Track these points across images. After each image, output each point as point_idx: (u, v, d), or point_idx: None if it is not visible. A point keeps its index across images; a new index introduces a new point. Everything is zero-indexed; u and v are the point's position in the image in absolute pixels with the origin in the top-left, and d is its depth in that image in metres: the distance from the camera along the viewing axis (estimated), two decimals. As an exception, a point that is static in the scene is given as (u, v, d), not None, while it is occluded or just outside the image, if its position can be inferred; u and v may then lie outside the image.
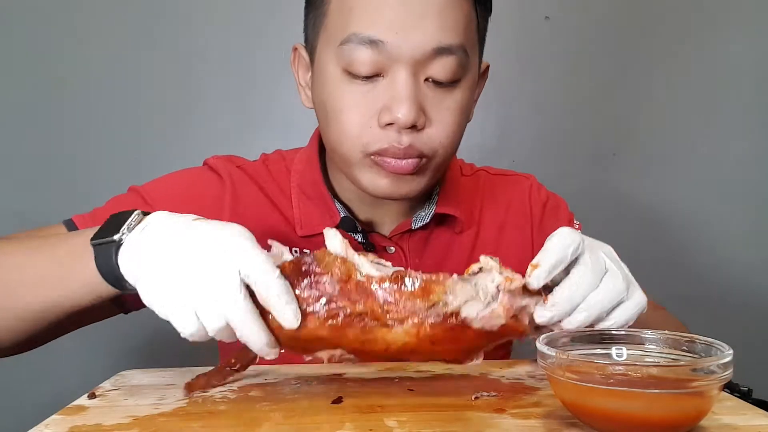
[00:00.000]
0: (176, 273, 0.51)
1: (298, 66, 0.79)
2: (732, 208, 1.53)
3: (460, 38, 0.68)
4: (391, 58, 0.66)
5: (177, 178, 0.83)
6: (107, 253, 0.55)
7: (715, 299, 1.51)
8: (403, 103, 0.66)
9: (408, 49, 0.66)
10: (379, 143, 0.68)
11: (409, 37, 0.65)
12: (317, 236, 0.78)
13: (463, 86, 0.71)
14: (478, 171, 0.91)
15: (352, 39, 0.66)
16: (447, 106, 0.70)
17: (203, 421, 0.51)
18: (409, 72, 0.66)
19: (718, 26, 1.50)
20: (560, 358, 0.47)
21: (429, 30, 0.66)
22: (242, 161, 0.84)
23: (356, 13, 0.66)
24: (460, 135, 0.73)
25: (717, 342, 0.49)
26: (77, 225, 0.75)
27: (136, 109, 1.43)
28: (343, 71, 0.68)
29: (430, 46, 0.66)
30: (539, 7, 1.46)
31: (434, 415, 0.52)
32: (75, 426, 0.50)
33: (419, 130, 0.68)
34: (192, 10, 1.43)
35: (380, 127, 0.68)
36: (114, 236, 0.55)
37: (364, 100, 0.68)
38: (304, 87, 0.78)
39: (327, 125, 0.72)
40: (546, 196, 0.90)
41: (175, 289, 0.51)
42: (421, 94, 0.68)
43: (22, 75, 1.40)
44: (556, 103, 1.50)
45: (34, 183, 1.41)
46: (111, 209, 0.77)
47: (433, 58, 0.67)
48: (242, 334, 0.52)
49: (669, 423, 0.46)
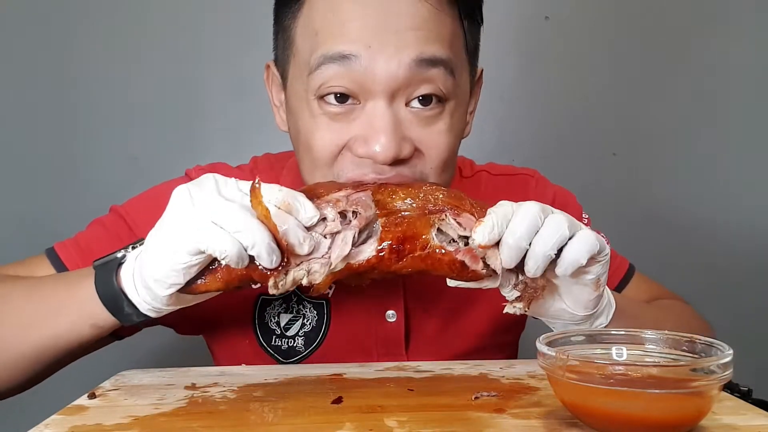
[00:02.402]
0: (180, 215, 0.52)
1: (271, 85, 0.74)
2: (732, 208, 1.53)
3: (444, 52, 0.62)
4: (367, 78, 0.60)
5: (159, 194, 0.78)
6: (108, 270, 0.56)
7: (715, 299, 1.51)
8: (381, 135, 0.60)
9: (383, 67, 0.59)
10: (351, 172, 0.62)
11: (383, 51, 0.59)
12: None
13: (452, 105, 0.65)
14: (478, 172, 0.87)
15: (321, 61, 0.61)
16: (437, 130, 0.64)
17: (203, 421, 0.51)
18: (387, 99, 0.61)
19: (718, 26, 1.50)
20: (560, 358, 0.47)
21: (406, 43, 0.60)
22: (227, 170, 0.81)
23: (321, 34, 0.61)
24: (454, 155, 0.68)
25: (717, 342, 0.49)
26: (59, 254, 0.74)
27: (136, 109, 1.42)
28: (316, 99, 0.63)
29: (409, 58, 0.60)
30: (539, 7, 1.46)
31: (434, 415, 0.52)
32: (75, 426, 0.50)
33: (405, 161, 0.62)
34: (192, 10, 1.42)
35: (356, 156, 0.62)
36: (117, 254, 0.56)
37: (338, 130, 0.62)
38: (279, 107, 0.74)
39: (301, 153, 0.68)
40: (552, 192, 0.87)
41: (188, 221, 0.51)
42: (406, 120, 0.62)
43: (22, 76, 1.40)
44: (556, 103, 1.50)
45: (34, 184, 1.41)
46: (93, 232, 0.77)
47: (414, 76, 0.60)
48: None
49: (669, 423, 0.46)
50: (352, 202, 0.56)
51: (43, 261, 0.74)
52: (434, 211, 0.57)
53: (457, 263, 0.56)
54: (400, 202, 0.58)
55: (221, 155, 0.85)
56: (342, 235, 0.55)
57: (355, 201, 0.56)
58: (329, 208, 0.55)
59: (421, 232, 0.56)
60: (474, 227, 0.55)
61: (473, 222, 0.56)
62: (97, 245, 0.74)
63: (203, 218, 0.50)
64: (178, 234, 0.51)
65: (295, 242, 0.52)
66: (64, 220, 0.77)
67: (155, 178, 0.81)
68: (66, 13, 1.40)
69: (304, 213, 0.53)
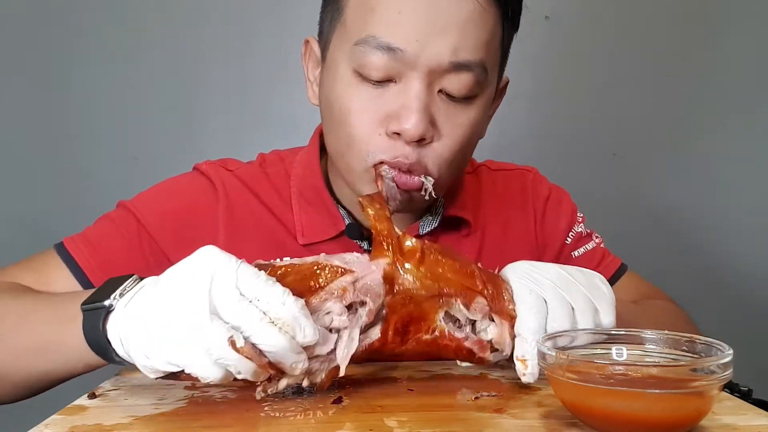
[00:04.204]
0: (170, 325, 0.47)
1: (308, 60, 0.76)
2: (732, 208, 1.53)
3: (480, 54, 0.65)
4: (407, 65, 0.64)
5: (168, 189, 0.79)
6: (96, 317, 0.52)
7: (715, 299, 1.51)
8: (413, 114, 0.63)
9: (425, 59, 0.63)
10: (384, 154, 0.66)
11: (427, 47, 0.63)
12: (320, 244, 0.76)
13: (478, 103, 0.68)
14: (479, 167, 0.89)
15: (369, 41, 0.64)
16: (459, 122, 0.67)
17: (203, 421, 0.51)
18: (423, 82, 0.64)
19: (718, 26, 1.50)
20: (560, 358, 0.47)
21: (449, 43, 0.63)
22: (236, 165, 0.81)
23: (377, 14, 0.64)
24: (468, 153, 0.71)
25: (717, 342, 0.49)
26: (70, 251, 0.73)
27: (136, 109, 1.43)
28: (354, 72, 0.66)
29: (448, 59, 0.64)
30: (539, 7, 1.46)
31: (434, 415, 0.52)
32: (75, 426, 0.50)
33: (426, 144, 0.66)
34: (192, 10, 1.42)
35: (387, 135, 0.65)
36: (104, 302, 0.52)
37: (373, 105, 0.65)
38: (312, 83, 0.76)
39: (333, 127, 0.70)
40: (548, 189, 0.88)
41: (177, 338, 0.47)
42: (434, 106, 0.65)
43: (22, 76, 1.40)
44: (556, 103, 1.50)
45: (34, 184, 1.41)
46: (101, 228, 0.76)
47: (450, 71, 0.64)
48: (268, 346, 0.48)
49: (669, 423, 0.46)
50: (361, 290, 0.52)
51: (54, 259, 0.73)
52: (444, 295, 0.55)
53: (464, 350, 0.56)
54: (409, 277, 0.55)
55: (221, 155, 0.85)
56: (348, 331, 0.52)
57: (364, 290, 0.52)
58: (335, 302, 0.51)
59: (427, 313, 0.55)
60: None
61: (485, 308, 0.56)
62: (107, 241, 0.74)
63: (190, 339, 0.47)
64: (164, 346, 0.48)
65: (286, 366, 0.49)
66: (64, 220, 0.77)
67: (155, 178, 0.81)
68: (66, 13, 1.40)
69: (302, 336, 0.49)
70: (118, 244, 0.75)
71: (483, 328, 0.57)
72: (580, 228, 0.87)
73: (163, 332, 0.47)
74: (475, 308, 0.56)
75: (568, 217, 0.87)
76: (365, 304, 0.53)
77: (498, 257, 0.82)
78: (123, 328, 0.50)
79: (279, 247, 0.76)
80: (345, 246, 0.76)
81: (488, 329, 0.57)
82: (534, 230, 0.85)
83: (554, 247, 0.85)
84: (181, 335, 0.47)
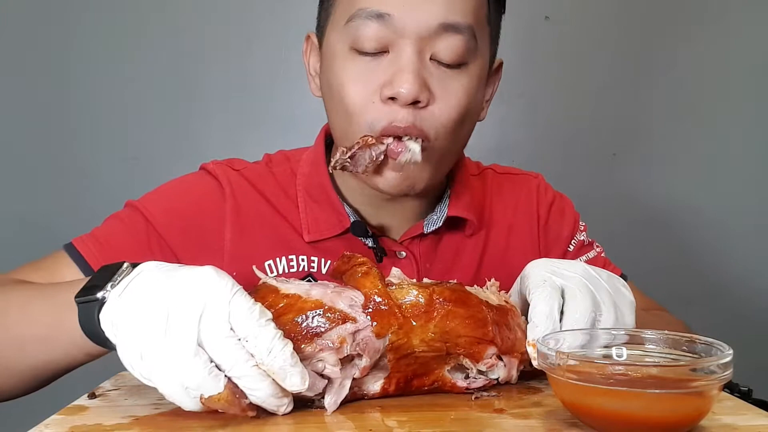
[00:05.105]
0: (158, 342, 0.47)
1: (309, 55, 0.79)
2: (732, 208, 1.53)
3: (468, 19, 0.68)
4: (397, 32, 0.66)
5: (175, 189, 0.80)
6: (89, 310, 0.51)
7: (715, 299, 1.51)
8: (406, 77, 0.65)
9: (414, 23, 0.66)
10: (382, 121, 0.67)
11: (416, 11, 0.66)
12: (325, 241, 0.76)
13: (470, 71, 0.70)
14: (485, 170, 0.89)
15: (359, 14, 0.67)
16: (453, 87, 0.69)
17: (203, 421, 0.51)
18: (414, 47, 0.66)
19: (718, 26, 1.50)
20: (560, 358, 0.47)
21: (437, 6, 0.66)
22: (242, 164, 0.82)
23: None
24: (466, 124, 0.72)
25: (717, 342, 0.49)
26: (78, 249, 0.73)
27: (135, 109, 1.43)
28: (349, 49, 0.68)
29: (437, 21, 0.66)
30: (539, 7, 1.46)
31: (434, 415, 0.52)
32: (75, 426, 0.50)
33: (422, 108, 0.67)
34: (191, 10, 1.43)
35: (382, 101, 0.67)
36: (97, 294, 0.51)
37: (368, 75, 0.68)
38: (314, 76, 0.78)
39: (333, 107, 0.72)
40: (552, 196, 0.88)
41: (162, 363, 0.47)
42: (426, 71, 0.67)
43: (22, 76, 1.40)
44: (556, 103, 1.50)
45: (34, 184, 1.41)
46: (110, 227, 0.76)
47: (439, 35, 0.67)
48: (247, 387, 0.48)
49: (669, 423, 0.46)
50: (360, 343, 0.50)
51: (64, 258, 0.73)
52: (453, 354, 0.54)
53: (465, 389, 0.56)
54: (416, 341, 0.52)
55: (221, 155, 0.85)
56: (340, 380, 0.51)
57: (363, 344, 0.50)
58: (330, 353, 0.49)
59: (433, 370, 0.55)
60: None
61: (495, 356, 0.56)
62: (116, 239, 0.75)
63: (170, 371, 0.47)
64: (144, 368, 0.48)
65: (269, 408, 0.49)
66: (64, 220, 0.77)
67: (155, 178, 0.81)
68: (66, 13, 1.40)
69: (289, 385, 0.48)
70: (126, 242, 0.75)
71: (491, 369, 0.57)
72: (582, 236, 0.88)
73: (147, 352, 0.47)
74: (486, 361, 0.55)
75: (571, 225, 0.87)
76: (362, 357, 0.51)
77: (500, 260, 0.82)
78: (115, 318, 0.50)
79: (285, 245, 0.77)
80: (350, 243, 0.77)
81: (496, 370, 0.57)
82: (537, 236, 0.85)
83: (556, 253, 0.86)
84: (162, 364, 0.46)
